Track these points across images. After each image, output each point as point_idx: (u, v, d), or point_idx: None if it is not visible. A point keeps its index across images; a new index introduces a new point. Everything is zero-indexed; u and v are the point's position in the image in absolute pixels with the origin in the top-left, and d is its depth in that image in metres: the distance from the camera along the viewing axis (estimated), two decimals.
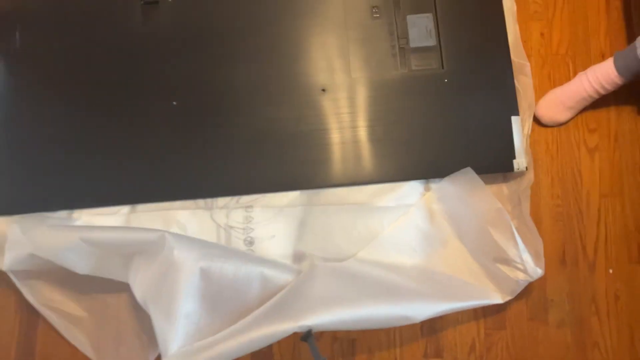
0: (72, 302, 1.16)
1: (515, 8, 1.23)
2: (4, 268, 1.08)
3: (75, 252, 1.03)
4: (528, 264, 1.06)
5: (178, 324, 0.93)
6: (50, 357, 1.16)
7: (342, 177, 1.13)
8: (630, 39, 1.23)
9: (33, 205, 1.12)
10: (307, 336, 0.92)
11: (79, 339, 1.14)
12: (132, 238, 0.99)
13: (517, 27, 1.23)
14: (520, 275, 1.07)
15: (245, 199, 1.14)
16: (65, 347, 1.15)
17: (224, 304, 0.97)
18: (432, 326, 1.14)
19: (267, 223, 1.12)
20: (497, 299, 1.07)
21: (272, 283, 0.99)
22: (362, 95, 1.15)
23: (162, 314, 0.94)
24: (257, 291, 0.99)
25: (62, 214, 1.13)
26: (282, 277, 1.00)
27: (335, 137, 1.14)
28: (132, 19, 1.19)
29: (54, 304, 1.15)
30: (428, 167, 1.13)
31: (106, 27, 1.19)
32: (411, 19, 1.19)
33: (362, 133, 1.14)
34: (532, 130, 1.21)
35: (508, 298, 1.07)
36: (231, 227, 1.12)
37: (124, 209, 1.13)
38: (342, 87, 1.16)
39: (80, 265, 1.05)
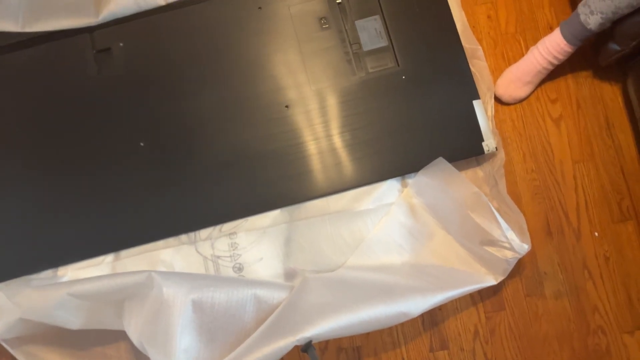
0: (72, 359, 1.15)
1: None
2: None
3: (64, 308, 1.02)
4: (514, 242, 1.07)
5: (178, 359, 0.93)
6: None
7: (319, 188, 1.14)
8: (573, 7, 1.26)
9: (16, 270, 1.11)
10: (307, 347, 0.92)
11: None
12: (119, 284, 0.99)
13: (464, 13, 1.25)
14: (508, 254, 1.08)
15: (228, 226, 1.13)
16: None
17: (220, 332, 0.97)
18: (433, 319, 1.15)
19: (253, 246, 1.12)
20: (491, 280, 1.07)
21: (265, 303, 0.99)
22: (325, 105, 1.17)
23: (160, 353, 0.93)
24: (252, 313, 0.98)
25: (47, 273, 1.12)
26: (275, 295, 1.00)
27: (307, 150, 1.15)
28: (88, 68, 1.19)
29: None
30: (402, 164, 1.14)
31: (63, 80, 1.19)
32: (360, 23, 1.20)
33: (332, 142, 1.15)
34: (496, 110, 1.23)
35: (501, 278, 1.08)
36: (218, 257, 1.12)
37: (108, 258, 1.12)
38: (305, 100, 1.17)
39: (72, 321, 1.03)
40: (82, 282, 1.01)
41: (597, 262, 1.16)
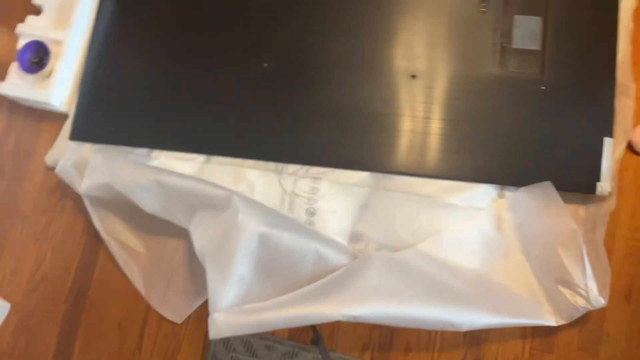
0: (134, 236, 1.22)
1: (631, 27, 1.15)
2: (81, 191, 1.14)
3: (147, 190, 1.08)
4: (592, 292, 1.01)
5: (231, 284, 0.96)
6: (105, 283, 1.23)
7: (414, 166, 1.12)
8: None
9: (118, 139, 1.18)
10: (316, 340, 0.93)
11: (133, 272, 1.21)
12: (202, 190, 1.03)
13: (630, 47, 1.15)
14: (581, 302, 1.02)
15: (315, 170, 1.14)
16: (121, 277, 1.22)
17: (276, 273, 0.99)
18: (476, 335, 1.12)
19: (332, 197, 1.13)
20: (551, 321, 1.03)
21: (325, 262, 1.00)
22: (452, 88, 1.13)
23: (217, 271, 0.98)
24: (310, 266, 1.00)
25: (142, 151, 1.18)
26: (336, 257, 1.01)
27: (416, 125, 1.12)
28: None
29: (117, 235, 1.21)
30: (506, 173, 1.10)
31: None
32: (518, 19, 1.14)
33: (444, 126, 1.12)
34: (624, 156, 1.14)
35: (562, 322, 1.03)
36: (296, 195, 1.13)
37: (200, 158, 1.17)
38: (434, 76, 1.14)
39: (149, 204, 1.09)
40: (170, 175, 1.06)
41: None
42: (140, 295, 1.20)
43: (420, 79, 1.14)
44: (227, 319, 0.98)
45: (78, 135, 1.18)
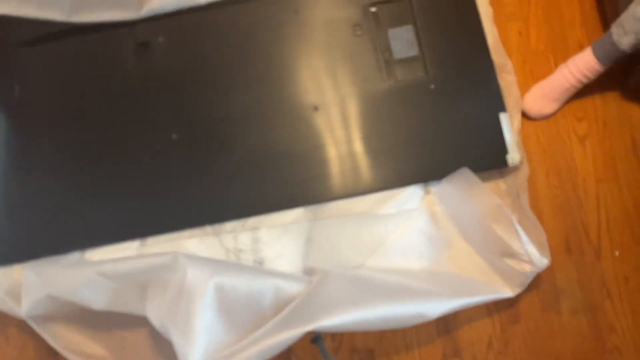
0: (92, 342, 1.17)
1: (491, 11, 1.27)
2: (23, 314, 1.10)
3: (91, 287, 1.05)
4: (533, 255, 1.07)
5: (197, 338, 0.95)
6: None
7: (343, 189, 1.16)
8: (606, 28, 1.27)
9: (46, 250, 1.14)
10: (316, 338, 0.93)
11: None
12: (146, 264, 1.02)
13: (495, 29, 1.27)
14: (527, 267, 1.08)
15: (252, 221, 1.16)
16: None
17: (239, 315, 0.99)
18: (447, 327, 1.16)
19: (275, 242, 1.15)
20: (507, 292, 1.08)
21: (285, 292, 1.01)
22: (353, 109, 1.19)
23: (180, 331, 0.96)
24: (270, 301, 1.00)
25: (75, 257, 1.15)
26: (294, 286, 1.02)
27: (332, 151, 1.17)
28: (127, 60, 1.23)
29: (74, 346, 1.16)
30: (425, 171, 1.16)
31: (102, 71, 1.23)
32: (392, 32, 1.23)
33: (358, 145, 1.17)
34: (522, 125, 1.24)
35: (518, 291, 1.08)
36: (240, 250, 1.14)
37: (135, 244, 1.15)
38: (333, 103, 1.20)
39: (97, 300, 1.06)
40: (110, 262, 1.04)
41: (616, 282, 1.16)
42: None
43: (322, 109, 1.19)
44: None
45: (3, 260, 1.14)
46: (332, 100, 1.20)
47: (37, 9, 1.20)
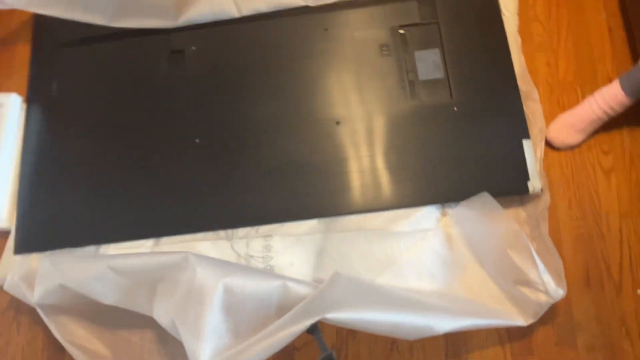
0: (96, 339, 1.18)
1: (519, 40, 1.28)
2: (34, 301, 1.12)
3: (102, 281, 1.06)
4: (549, 285, 1.04)
5: (206, 337, 0.95)
6: None
7: (358, 204, 1.16)
8: (635, 61, 1.26)
9: (64, 242, 1.17)
10: (313, 328, 0.92)
11: None
12: (158, 262, 1.03)
13: (523, 58, 1.27)
14: (542, 297, 1.05)
15: (265, 228, 1.17)
16: None
17: (248, 316, 0.98)
18: (457, 352, 1.12)
19: (286, 251, 1.15)
20: (520, 321, 1.05)
21: (293, 293, 0.99)
22: (375, 126, 1.20)
23: (190, 331, 0.96)
24: (279, 300, 0.99)
25: (90, 250, 1.18)
26: (303, 289, 1.00)
27: (351, 166, 1.18)
28: (160, 66, 1.28)
29: (78, 341, 1.17)
30: (443, 192, 1.15)
31: (136, 74, 1.28)
32: (419, 54, 1.25)
33: (378, 161, 1.18)
34: (545, 154, 1.22)
35: (531, 321, 1.05)
36: (251, 256, 1.14)
37: (149, 243, 1.17)
38: (356, 119, 1.21)
39: (107, 295, 1.07)
40: (123, 257, 1.06)
41: (637, 321, 1.11)
42: None
43: (344, 124, 1.21)
44: None
45: (22, 247, 1.17)
46: (355, 115, 1.21)
47: (82, 13, 1.27)
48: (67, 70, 1.29)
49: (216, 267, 1.01)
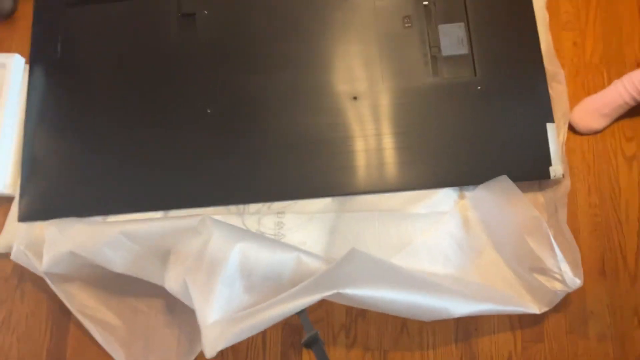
0: (105, 308, 1.16)
1: (547, 18, 1.22)
2: (42, 269, 1.09)
3: (114, 247, 1.03)
4: (566, 274, 1.03)
5: (215, 298, 0.94)
6: None
7: (374, 184, 1.12)
8: None
9: (70, 211, 1.13)
10: (312, 342, 0.88)
11: (112, 346, 1.14)
12: (172, 226, 1.01)
13: (550, 36, 1.22)
14: (558, 286, 1.04)
15: (277, 205, 1.13)
16: (94, 355, 1.15)
17: (260, 282, 0.97)
18: (467, 337, 1.11)
19: (298, 229, 1.12)
20: (534, 309, 1.04)
21: (306, 265, 0.98)
22: (394, 103, 1.15)
23: (200, 289, 0.95)
24: (291, 272, 0.98)
25: (97, 219, 1.14)
26: (316, 262, 0.99)
27: (367, 144, 1.14)
28: (170, 30, 1.22)
29: (88, 311, 1.15)
30: (462, 175, 1.12)
31: (144, 37, 1.22)
32: (443, 28, 1.19)
33: (395, 140, 1.14)
34: (568, 138, 1.19)
35: (545, 309, 1.04)
36: (262, 233, 1.12)
37: (157, 215, 1.14)
38: (374, 95, 1.16)
39: (118, 262, 1.05)
40: (135, 223, 1.03)
41: None
42: None
43: (362, 99, 1.16)
44: (218, 330, 0.93)
45: (27, 215, 1.14)
46: (373, 91, 1.17)
47: None
48: (72, 30, 1.23)
49: (233, 232, 0.99)
